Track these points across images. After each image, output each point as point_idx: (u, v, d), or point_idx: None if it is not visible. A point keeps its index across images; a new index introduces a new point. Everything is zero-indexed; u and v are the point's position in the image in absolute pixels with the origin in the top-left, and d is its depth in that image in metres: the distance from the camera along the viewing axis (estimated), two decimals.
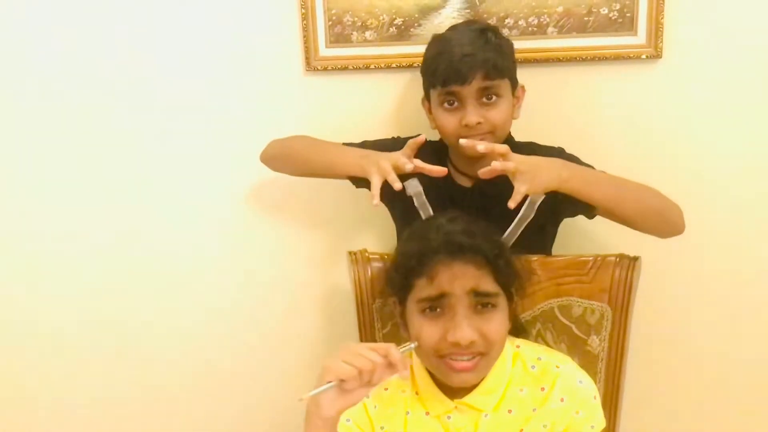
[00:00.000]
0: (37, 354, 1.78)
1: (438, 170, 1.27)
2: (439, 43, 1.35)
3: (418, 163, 1.25)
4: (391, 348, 0.97)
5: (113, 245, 1.70)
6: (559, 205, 1.37)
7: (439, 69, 1.30)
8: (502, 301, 1.04)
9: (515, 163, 1.19)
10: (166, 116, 1.62)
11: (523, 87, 1.40)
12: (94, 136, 1.64)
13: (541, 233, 1.41)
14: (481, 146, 1.23)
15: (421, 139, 1.27)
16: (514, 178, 1.20)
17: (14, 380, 1.81)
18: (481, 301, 1.01)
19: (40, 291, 1.74)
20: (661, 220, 1.30)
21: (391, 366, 0.97)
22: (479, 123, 1.31)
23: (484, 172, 1.24)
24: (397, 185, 1.24)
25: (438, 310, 1.02)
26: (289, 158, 1.47)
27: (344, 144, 1.44)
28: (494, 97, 1.32)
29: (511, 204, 1.19)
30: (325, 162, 1.40)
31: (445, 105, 1.33)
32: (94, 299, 1.74)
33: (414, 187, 1.36)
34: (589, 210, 1.35)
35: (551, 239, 1.46)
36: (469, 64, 1.28)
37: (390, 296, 1.12)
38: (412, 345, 1.04)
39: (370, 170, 1.27)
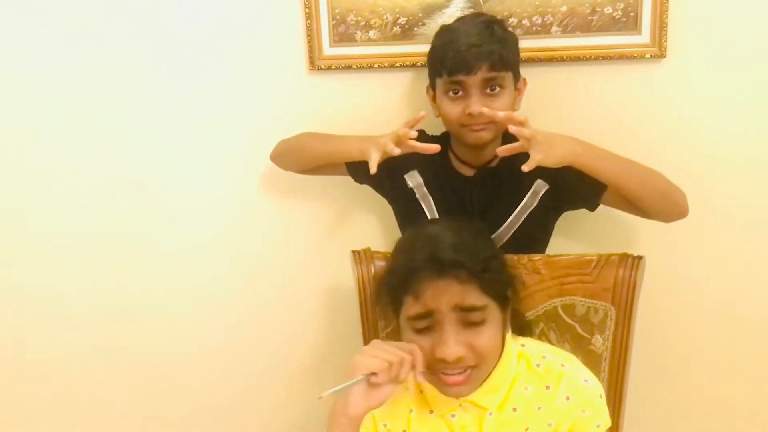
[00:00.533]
0: (37, 346, 1.79)
1: (432, 147, 1.30)
2: (446, 33, 1.38)
3: (414, 142, 1.29)
4: (415, 347, 1.00)
5: (114, 244, 1.70)
6: (562, 197, 1.39)
7: (446, 58, 1.34)
8: (492, 312, 1.02)
9: (532, 131, 1.22)
10: (170, 115, 1.63)
11: (524, 80, 1.42)
12: (98, 136, 1.65)
13: (542, 225, 1.42)
14: (501, 113, 1.27)
15: (421, 115, 1.30)
16: (530, 146, 1.23)
17: (14, 375, 1.82)
18: (467, 317, 1.00)
19: (40, 283, 1.75)
20: (666, 201, 1.33)
21: (413, 365, 1.00)
22: (482, 113, 1.33)
23: (502, 150, 1.28)
24: (396, 151, 1.27)
25: (427, 326, 1.01)
26: (294, 152, 1.51)
27: None
28: (498, 88, 1.35)
29: (525, 168, 1.22)
30: (327, 150, 1.44)
31: (450, 94, 1.36)
32: (93, 300, 1.74)
33: (415, 179, 1.39)
34: (591, 201, 1.38)
35: (550, 233, 1.47)
36: (475, 54, 1.31)
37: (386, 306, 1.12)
38: None
39: (369, 149, 1.30)
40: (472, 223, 1.10)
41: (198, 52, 1.59)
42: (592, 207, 1.40)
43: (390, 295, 1.06)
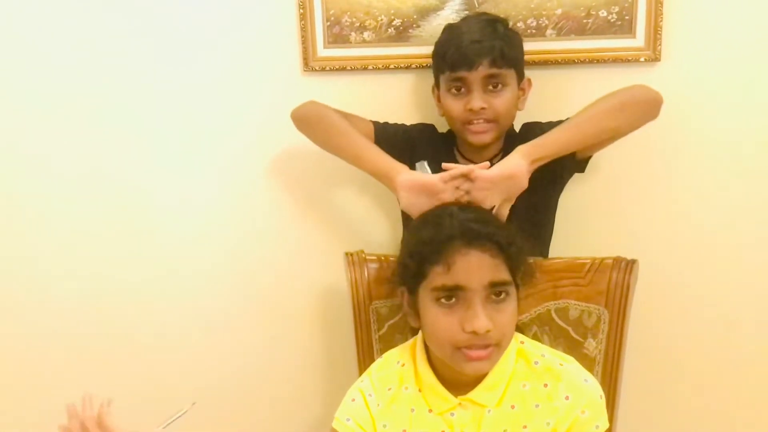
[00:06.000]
0: (38, 348, 1.78)
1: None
2: (450, 31, 1.40)
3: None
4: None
5: (106, 244, 1.70)
6: (555, 175, 1.40)
7: (448, 54, 1.35)
8: (512, 291, 1.04)
9: (478, 190, 1.21)
10: (164, 116, 1.62)
11: (529, 80, 1.43)
12: (91, 137, 1.64)
13: (533, 206, 1.40)
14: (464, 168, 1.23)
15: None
16: (485, 202, 1.22)
17: (15, 375, 1.81)
18: (495, 291, 1.02)
19: (38, 286, 1.74)
20: (633, 122, 1.34)
21: None
22: (483, 108, 1.34)
23: None
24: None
25: (453, 300, 1.02)
26: (317, 132, 1.45)
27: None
28: (500, 86, 1.35)
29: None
30: (351, 155, 1.39)
31: (453, 90, 1.37)
32: (90, 301, 1.73)
33: (424, 169, 1.39)
34: (578, 166, 1.42)
35: (551, 214, 1.48)
36: (476, 50, 1.32)
37: (399, 285, 1.11)
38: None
39: (393, 186, 1.29)
40: (486, 210, 1.11)
41: (192, 53, 1.59)
42: (578, 164, 1.42)
43: (414, 266, 1.05)
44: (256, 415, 1.79)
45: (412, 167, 1.41)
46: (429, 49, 1.44)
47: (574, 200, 1.53)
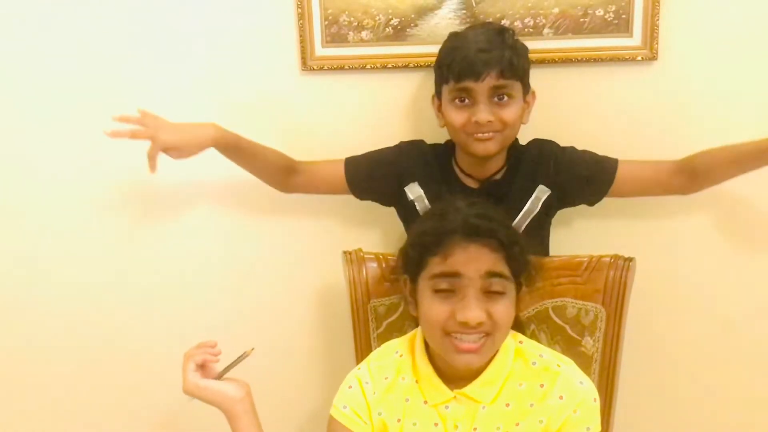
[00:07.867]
0: (34, 350, 1.78)
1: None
2: (455, 39, 1.35)
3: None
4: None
5: (109, 244, 1.70)
6: (567, 199, 1.39)
7: (454, 63, 1.29)
8: (511, 287, 1.05)
9: None
10: (161, 115, 1.62)
11: (534, 93, 1.39)
12: (89, 135, 1.63)
13: (544, 227, 1.42)
14: None
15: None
16: None
17: (12, 379, 1.81)
18: (492, 283, 1.02)
19: (37, 286, 1.74)
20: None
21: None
22: (490, 121, 1.29)
23: None
24: None
25: (449, 289, 1.03)
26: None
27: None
28: (506, 98, 1.31)
29: None
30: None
31: (457, 101, 1.32)
32: (88, 302, 1.74)
33: (415, 191, 1.38)
34: (594, 201, 1.40)
35: (549, 232, 1.46)
36: (484, 60, 1.27)
37: (402, 274, 1.12)
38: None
39: None
40: (496, 207, 1.11)
41: (190, 52, 1.59)
42: (593, 204, 1.41)
43: (415, 256, 1.07)
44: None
45: (402, 192, 1.40)
46: (427, 49, 1.44)
47: None
